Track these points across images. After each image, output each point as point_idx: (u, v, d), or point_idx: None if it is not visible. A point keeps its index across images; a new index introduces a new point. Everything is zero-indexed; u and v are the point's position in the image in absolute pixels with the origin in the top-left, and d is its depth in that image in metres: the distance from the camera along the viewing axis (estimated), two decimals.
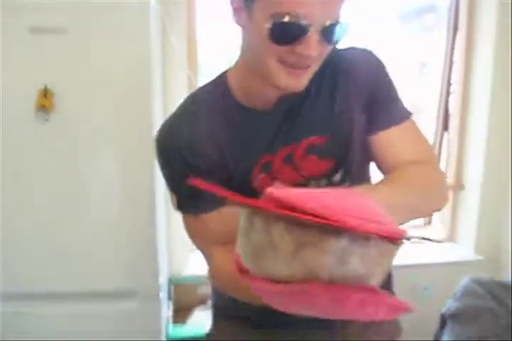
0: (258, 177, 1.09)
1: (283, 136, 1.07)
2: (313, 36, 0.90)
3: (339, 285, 0.67)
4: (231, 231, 0.99)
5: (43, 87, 1.82)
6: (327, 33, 0.92)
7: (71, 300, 2.03)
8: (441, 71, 3.02)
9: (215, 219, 1.08)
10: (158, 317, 2.12)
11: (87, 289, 2.03)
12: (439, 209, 1.11)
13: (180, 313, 2.51)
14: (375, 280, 0.70)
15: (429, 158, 1.12)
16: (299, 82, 0.97)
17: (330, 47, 0.96)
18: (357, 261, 0.67)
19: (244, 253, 0.76)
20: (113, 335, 2.07)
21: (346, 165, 1.12)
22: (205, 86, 1.14)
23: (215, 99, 1.09)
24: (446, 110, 3.04)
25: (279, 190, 0.71)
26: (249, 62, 1.04)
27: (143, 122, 1.93)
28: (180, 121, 1.09)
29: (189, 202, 1.10)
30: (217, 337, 1.35)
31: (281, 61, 0.94)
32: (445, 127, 3.04)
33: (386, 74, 1.12)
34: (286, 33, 0.91)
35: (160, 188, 2.08)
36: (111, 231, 2.01)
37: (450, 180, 3.01)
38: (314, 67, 0.98)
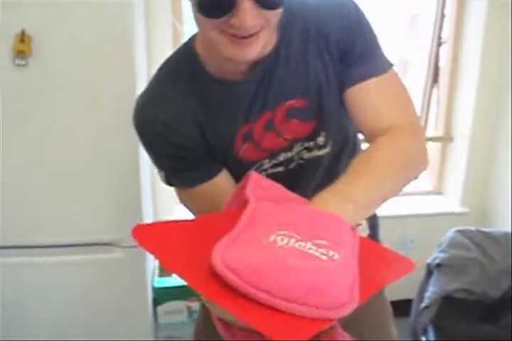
0: (242, 148, 1.06)
1: (259, 104, 1.03)
2: (244, 5, 0.81)
3: None
4: (224, 201, 0.96)
5: (19, 31, 1.75)
6: None
7: (58, 252, 2.01)
8: (432, 24, 2.96)
9: (206, 190, 1.07)
10: (143, 268, 2.12)
11: (74, 240, 2.01)
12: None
13: None
14: None
15: (408, 119, 1.04)
16: (247, 51, 0.88)
17: (275, 12, 0.87)
18: None
19: None
20: (99, 286, 2.09)
21: (326, 126, 1.08)
22: (174, 56, 1.08)
23: (186, 72, 1.03)
24: (436, 62, 3.00)
25: (224, 261, 0.67)
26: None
27: (125, 69, 1.87)
28: (155, 100, 1.05)
29: (178, 177, 1.09)
30: None
31: (223, 32, 0.86)
32: (435, 80, 3.01)
33: (362, 22, 1.03)
34: (213, 5, 0.82)
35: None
36: (95, 182, 1.98)
37: (439, 132, 2.99)
38: (266, 33, 0.89)
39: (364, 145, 1.07)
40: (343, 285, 0.68)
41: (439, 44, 2.96)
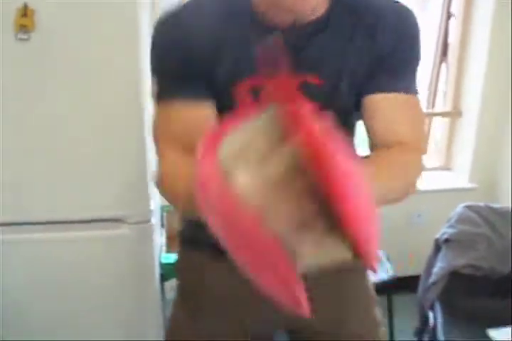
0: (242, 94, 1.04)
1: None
2: None
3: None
4: (193, 136, 0.91)
5: (22, 5, 1.72)
6: None
7: (65, 228, 2.00)
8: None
9: (188, 115, 1.03)
10: (150, 244, 2.12)
11: (80, 216, 2.00)
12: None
13: (174, 242, 2.52)
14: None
15: (420, 139, 1.06)
16: (304, 2, 0.92)
17: None
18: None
19: (229, 142, 0.65)
20: (106, 262, 2.08)
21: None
22: None
23: (232, 5, 1.03)
24: (445, 37, 2.96)
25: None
26: None
27: (129, 42, 1.83)
28: (187, 15, 1.04)
29: (170, 86, 1.05)
30: (182, 266, 1.33)
31: None
32: (444, 54, 2.98)
33: (415, 39, 1.05)
34: None
35: (150, 115, 2.03)
36: (102, 158, 1.96)
37: (448, 107, 2.96)
38: None
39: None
40: None
41: (448, 19, 2.92)
